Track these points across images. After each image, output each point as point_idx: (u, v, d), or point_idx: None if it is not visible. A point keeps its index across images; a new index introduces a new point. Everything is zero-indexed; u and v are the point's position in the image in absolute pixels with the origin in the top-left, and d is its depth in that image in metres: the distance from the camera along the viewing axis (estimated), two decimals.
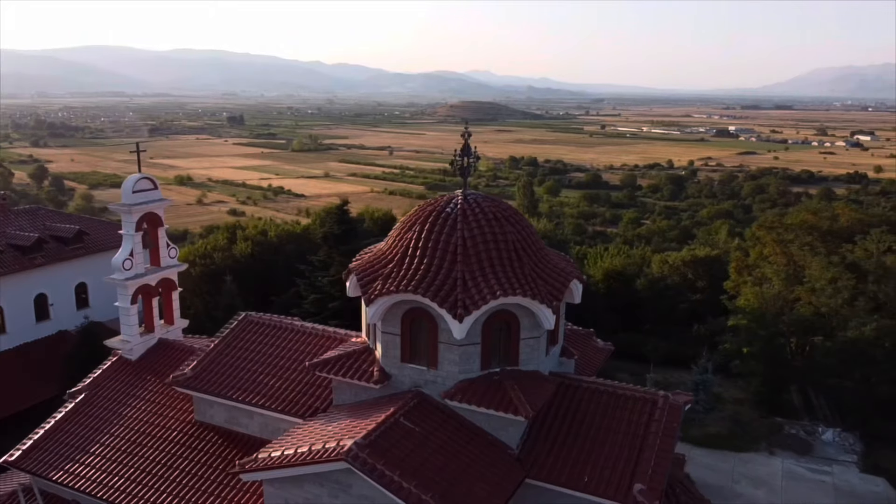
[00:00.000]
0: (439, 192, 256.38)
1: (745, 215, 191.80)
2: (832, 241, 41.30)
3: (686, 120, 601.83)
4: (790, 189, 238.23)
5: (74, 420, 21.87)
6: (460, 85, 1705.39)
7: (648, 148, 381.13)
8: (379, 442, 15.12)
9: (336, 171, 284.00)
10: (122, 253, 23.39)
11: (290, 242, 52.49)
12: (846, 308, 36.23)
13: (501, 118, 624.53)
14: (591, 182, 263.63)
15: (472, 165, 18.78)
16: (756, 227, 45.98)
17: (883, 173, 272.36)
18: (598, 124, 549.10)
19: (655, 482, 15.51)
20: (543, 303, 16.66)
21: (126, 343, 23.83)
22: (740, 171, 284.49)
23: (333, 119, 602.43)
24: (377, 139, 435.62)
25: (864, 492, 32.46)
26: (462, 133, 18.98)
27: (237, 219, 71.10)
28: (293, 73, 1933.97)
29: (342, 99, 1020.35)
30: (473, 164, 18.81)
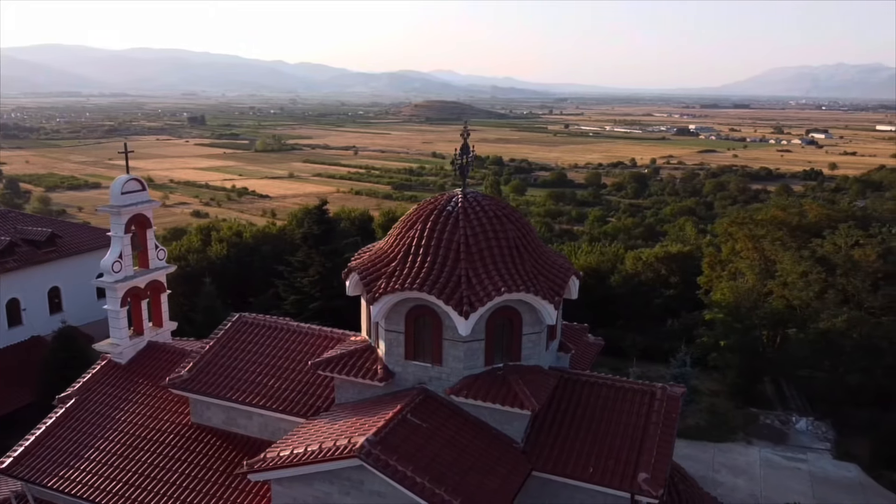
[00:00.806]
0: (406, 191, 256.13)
1: (707, 212, 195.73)
2: (801, 236, 42.59)
3: (647, 119, 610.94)
4: (750, 186, 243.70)
5: (66, 425, 21.53)
6: (424, 84, 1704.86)
7: (612, 147, 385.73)
8: (389, 438, 15.28)
9: (301, 172, 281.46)
10: (111, 255, 23.08)
11: (265, 243, 52.11)
12: (817, 301, 37.43)
13: (466, 117, 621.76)
14: (556, 181, 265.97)
15: (470, 164, 19.02)
16: (728, 223, 47.13)
17: (837, 170, 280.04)
18: (562, 123, 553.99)
19: (659, 471, 15.96)
20: (545, 298, 17.00)
21: (115, 346, 23.53)
22: (701, 169, 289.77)
23: (297, 119, 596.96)
24: (341, 139, 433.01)
25: (838, 478, 33.59)
26: (461, 133, 19.22)
27: (209, 220, 70.14)
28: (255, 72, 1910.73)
29: (305, 98, 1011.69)
30: (472, 163, 19.05)
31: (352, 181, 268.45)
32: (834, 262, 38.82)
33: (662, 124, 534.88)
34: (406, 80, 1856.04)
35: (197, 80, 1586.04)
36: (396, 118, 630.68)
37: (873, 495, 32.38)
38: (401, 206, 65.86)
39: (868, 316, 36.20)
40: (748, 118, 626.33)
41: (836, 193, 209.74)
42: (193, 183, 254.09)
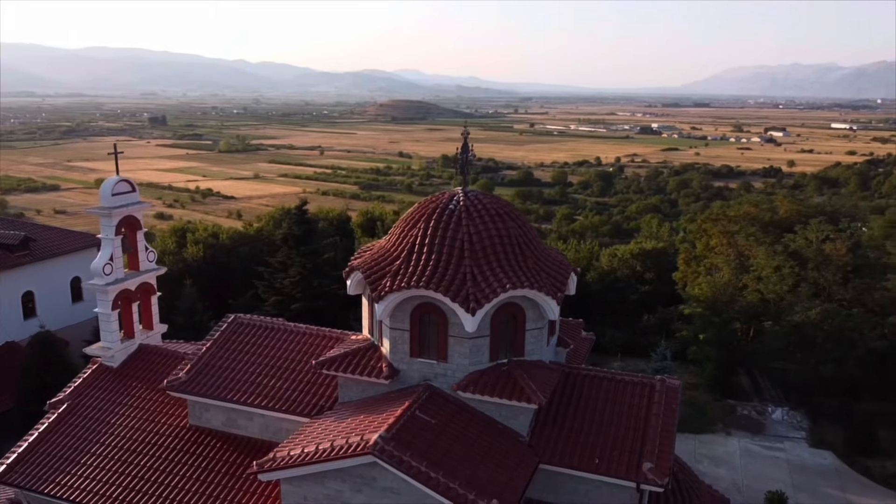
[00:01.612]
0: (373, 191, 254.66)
1: (671, 209, 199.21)
2: (773, 232, 43.77)
3: (611, 118, 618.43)
4: (712, 184, 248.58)
5: (60, 431, 21.21)
6: (389, 84, 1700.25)
7: (577, 145, 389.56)
8: (401, 435, 15.45)
9: (266, 172, 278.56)
10: (102, 257, 22.79)
11: (243, 244, 51.69)
12: (790, 294, 38.54)
13: (431, 117, 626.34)
14: (523, 179, 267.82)
15: (470, 163, 19.27)
16: (702, 219, 48.19)
17: (795, 167, 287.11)
18: (528, 123, 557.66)
19: (663, 460, 16.42)
20: (548, 294, 17.33)
21: (107, 350, 23.24)
22: (665, 167, 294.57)
23: (260, 119, 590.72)
24: (307, 139, 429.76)
25: (814, 465, 34.70)
26: (462, 132, 19.43)
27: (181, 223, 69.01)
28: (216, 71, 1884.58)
29: (269, 98, 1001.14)
30: (471, 162, 19.30)
31: (318, 181, 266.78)
32: (806, 256, 40.01)
33: (626, 123, 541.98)
34: (371, 80, 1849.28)
35: (156, 79, 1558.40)
36: (362, 118, 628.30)
37: (849, 481, 33.53)
38: (377, 205, 65.78)
39: (840, 308, 37.40)
40: (709, 117, 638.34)
41: (795, 190, 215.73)
42: (156, 184, 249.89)
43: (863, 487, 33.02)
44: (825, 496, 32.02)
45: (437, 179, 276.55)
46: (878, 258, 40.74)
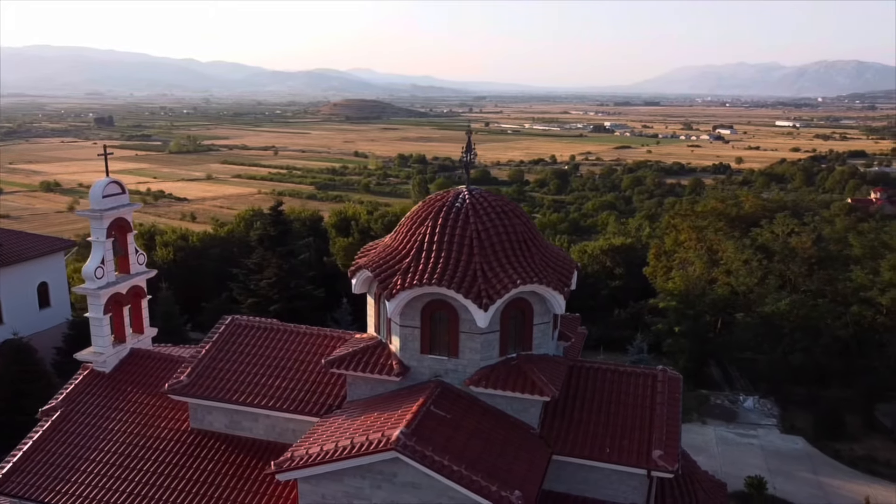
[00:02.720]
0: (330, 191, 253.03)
1: (626, 206, 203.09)
2: (739, 226, 45.22)
3: (564, 116, 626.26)
4: (665, 181, 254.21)
5: (55, 439, 20.75)
6: (342, 83, 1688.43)
7: (532, 144, 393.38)
8: (421, 430, 15.65)
9: (219, 173, 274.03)
10: (93, 261, 22.34)
11: (214, 246, 50.98)
12: (759, 286, 39.91)
13: (386, 116, 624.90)
14: (480, 178, 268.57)
15: (472, 161, 19.57)
16: (671, 215, 49.44)
17: (743, 164, 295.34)
18: (482, 121, 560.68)
19: (671, 447, 17.00)
20: (556, 289, 17.74)
21: (99, 355, 22.79)
22: (618, 165, 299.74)
23: (211, 119, 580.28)
24: (260, 139, 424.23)
25: (787, 450, 36.03)
26: (466, 131, 19.67)
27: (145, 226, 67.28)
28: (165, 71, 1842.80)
29: (219, 98, 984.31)
30: (473, 160, 19.60)
31: (273, 182, 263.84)
32: (772, 249, 41.46)
33: (579, 122, 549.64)
34: (323, 79, 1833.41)
35: (102, 79, 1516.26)
36: (315, 117, 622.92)
37: (820, 464, 34.94)
38: (349, 205, 65.15)
39: (806, 299, 38.90)
40: (659, 115, 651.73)
41: (744, 186, 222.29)
42: None
43: (834, 470, 34.45)
44: (799, 479, 33.30)
45: (394, 179, 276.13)
46: (839, 250, 42.49)
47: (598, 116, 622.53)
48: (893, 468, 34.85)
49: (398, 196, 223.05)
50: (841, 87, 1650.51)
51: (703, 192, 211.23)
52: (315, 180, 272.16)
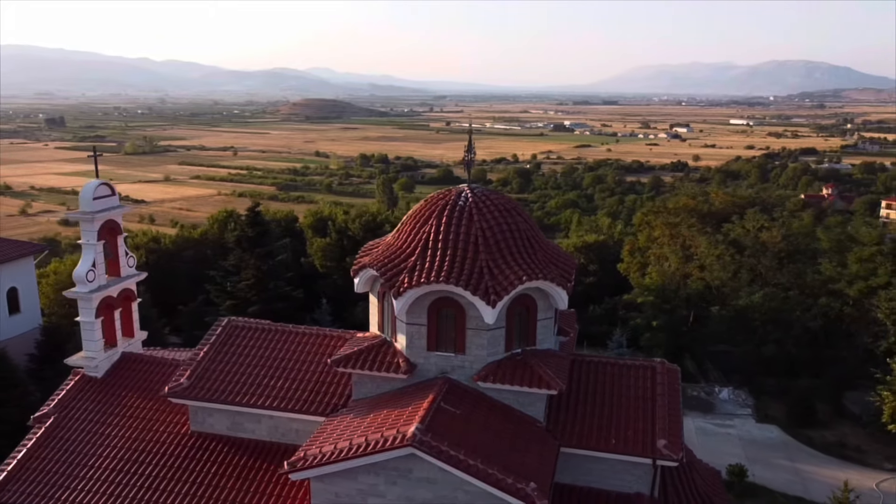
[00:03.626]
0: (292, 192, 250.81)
1: (588, 204, 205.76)
2: (710, 222, 46.38)
3: (525, 115, 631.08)
4: (625, 178, 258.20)
5: (49, 445, 20.36)
6: (301, 83, 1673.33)
7: (493, 143, 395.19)
8: (434, 426, 15.83)
9: (177, 174, 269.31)
10: (84, 264, 21.98)
11: (187, 249, 50.25)
12: (732, 280, 41.04)
13: (346, 116, 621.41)
14: (443, 177, 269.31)
15: (473, 161, 19.83)
16: (645, 212, 50.41)
17: (701, 161, 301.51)
18: (443, 121, 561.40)
19: (675, 436, 17.52)
20: (559, 285, 18.08)
21: (91, 360, 22.42)
22: (579, 164, 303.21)
23: (167, 119, 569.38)
24: (218, 139, 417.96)
25: (762, 438, 37.22)
26: (467, 130, 19.90)
27: None
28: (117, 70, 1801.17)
29: (175, 98, 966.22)
30: (474, 159, 19.86)
31: (233, 183, 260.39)
32: (744, 244, 42.65)
33: (539, 121, 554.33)
34: (282, 78, 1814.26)
35: (51, 78, 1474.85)
36: (274, 117, 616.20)
37: (795, 451, 36.20)
38: (325, 205, 64.43)
39: (778, 292, 40.13)
40: (617, 114, 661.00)
41: (702, 183, 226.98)
42: (58, 189, 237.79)
43: (808, 456, 35.72)
44: (776, 466, 34.44)
45: (356, 179, 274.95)
46: (807, 244, 43.91)
47: (558, 115, 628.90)
48: (863, 453, 36.28)
49: (361, 196, 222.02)
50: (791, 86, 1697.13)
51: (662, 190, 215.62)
52: (276, 181, 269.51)
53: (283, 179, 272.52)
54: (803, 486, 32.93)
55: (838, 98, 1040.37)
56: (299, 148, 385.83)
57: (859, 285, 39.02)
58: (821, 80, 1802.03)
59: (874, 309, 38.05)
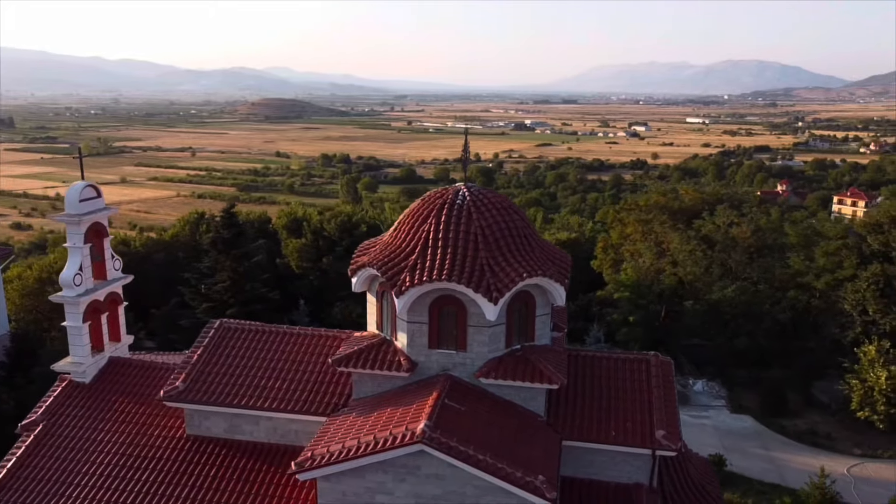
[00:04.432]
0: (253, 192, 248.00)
1: (551, 202, 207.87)
2: (681, 218, 47.43)
3: (486, 115, 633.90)
4: (586, 177, 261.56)
5: (39, 453, 19.91)
6: (259, 82, 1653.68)
7: (455, 142, 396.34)
8: (441, 422, 15.98)
9: (134, 176, 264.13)
10: (72, 268, 21.53)
11: (158, 251, 49.42)
12: (705, 275, 42.07)
13: (307, 115, 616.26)
14: (406, 177, 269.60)
15: (468, 160, 20.02)
16: (617, 209, 51.25)
17: (659, 159, 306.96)
18: (405, 120, 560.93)
19: (672, 426, 17.99)
20: (558, 281, 18.40)
21: (78, 365, 21.97)
22: (541, 162, 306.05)
23: (122, 119, 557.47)
24: (175, 140, 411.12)
25: (737, 428, 38.25)
26: (464, 131, 20.09)
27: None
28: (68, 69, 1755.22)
29: (129, 98, 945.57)
30: (469, 158, 20.07)
31: (193, 184, 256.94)
32: (715, 239, 43.73)
33: (500, 120, 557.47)
34: (240, 78, 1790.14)
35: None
36: (233, 117, 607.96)
37: (769, 440, 37.31)
38: (297, 206, 63.39)
39: (749, 286, 41.28)
40: (577, 113, 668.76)
41: (661, 181, 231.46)
42: (9, 192, 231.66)
43: (781, 444, 36.85)
44: (752, 455, 35.46)
45: (319, 179, 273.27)
46: (775, 239, 45.23)
47: (519, 115, 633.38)
48: (833, 440, 37.57)
49: (324, 196, 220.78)
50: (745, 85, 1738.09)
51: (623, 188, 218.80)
52: (237, 182, 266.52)
53: (243, 180, 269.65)
54: (779, 474, 33.97)
55: (789, 97, 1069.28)
56: (259, 148, 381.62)
57: (826, 278, 40.37)
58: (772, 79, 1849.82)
59: (841, 301, 39.47)
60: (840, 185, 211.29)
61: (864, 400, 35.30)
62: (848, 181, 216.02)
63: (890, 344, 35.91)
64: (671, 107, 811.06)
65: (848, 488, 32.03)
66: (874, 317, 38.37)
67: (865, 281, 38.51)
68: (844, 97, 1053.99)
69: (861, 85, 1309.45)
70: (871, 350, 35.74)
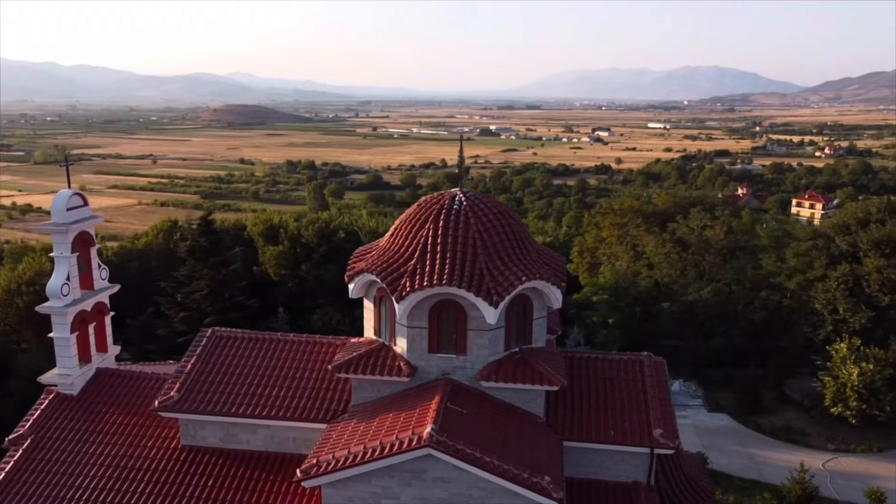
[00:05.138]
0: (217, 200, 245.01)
1: (518, 207, 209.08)
2: (655, 221, 48.31)
3: (451, 120, 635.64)
4: (552, 182, 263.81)
5: (29, 468, 19.45)
6: (221, 88, 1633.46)
7: (421, 148, 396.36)
8: (446, 426, 16.10)
9: (93, 184, 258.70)
10: (58, 278, 21.12)
11: (131, 260, 48.55)
12: (681, 277, 42.89)
13: (270, 122, 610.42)
14: (372, 183, 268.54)
15: (463, 165, 20.22)
16: (593, 213, 51.94)
17: (623, 164, 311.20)
18: (370, 126, 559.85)
19: (669, 425, 18.38)
20: (555, 285, 18.68)
21: (66, 377, 21.54)
22: (507, 168, 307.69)
23: (79, 126, 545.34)
24: (136, 147, 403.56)
25: (715, 426, 39.05)
26: (459, 136, 20.26)
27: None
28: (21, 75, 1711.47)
29: (87, 104, 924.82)
30: (464, 164, 20.25)
31: (155, 192, 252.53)
32: (689, 242, 44.62)
33: (465, 125, 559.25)
34: (201, 84, 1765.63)
35: None
36: (195, 124, 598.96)
37: (746, 437, 38.17)
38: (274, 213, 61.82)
39: (723, 287, 42.21)
40: (541, 118, 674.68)
41: (625, 185, 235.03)
42: None
43: (758, 441, 37.73)
44: (731, 452, 36.23)
45: (284, 186, 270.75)
46: (747, 241, 46.34)
47: (484, 120, 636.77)
48: (808, 435, 38.60)
49: (290, 203, 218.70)
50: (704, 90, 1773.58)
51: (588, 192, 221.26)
52: (200, 189, 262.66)
53: (207, 188, 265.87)
54: (757, 470, 34.77)
55: (747, 102, 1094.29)
56: (222, 155, 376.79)
57: (797, 278, 41.48)
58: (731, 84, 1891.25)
59: (812, 300, 40.61)
60: (798, 187, 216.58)
61: (836, 396, 36.35)
62: (805, 184, 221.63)
63: (861, 341, 37.06)
64: (633, 112, 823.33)
65: (824, 482, 32.92)
66: (844, 315, 39.57)
67: (835, 281, 39.72)
68: (799, 102, 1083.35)
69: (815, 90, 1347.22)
70: (843, 348, 36.84)
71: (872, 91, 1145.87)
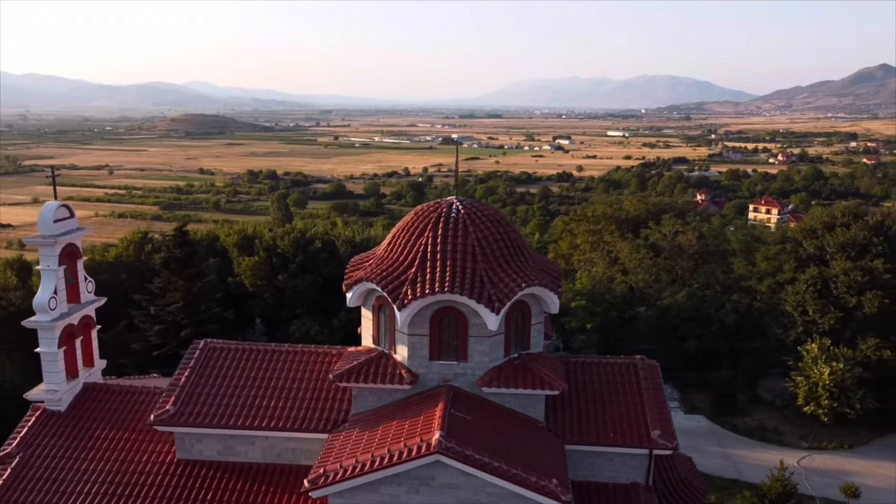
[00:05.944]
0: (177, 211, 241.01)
1: None
2: (627, 228, 49.17)
3: (413, 129, 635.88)
4: (515, 189, 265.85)
5: (19, 487, 18.95)
6: (179, 97, 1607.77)
7: (383, 157, 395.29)
8: (453, 432, 16.21)
9: (47, 196, 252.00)
10: (46, 291, 20.66)
11: (101, 273, 47.39)
12: (655, 282, 43.71)
13: (230, 131, 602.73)
14: (335, 192, 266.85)
15: (459, 173, 20.40)
16: (567, 220, 52.59)
17: (584, 172, 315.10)
18: (331, 135, 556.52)
19: (666, 426, 18.76)
20: (552, 291, 18.97)
21: (53, 393, 21.05)
22: (470, 176, 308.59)
23: (31, 137, 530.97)
24: (91, 158, 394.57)
25: (692, 428, 39.79)
26: (455, 144, 20.48)
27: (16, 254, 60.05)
28: None
29: (38, 114, 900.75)
30: (459, 172, 20.44)
31: (112, 203, 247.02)
32: (662, 247, 45.52)
33: (427, 134, 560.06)
34: (158, 93, 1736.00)
35: None
36: (152, 133, 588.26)
37: (722, 437, 39.01)
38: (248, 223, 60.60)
39: (696, 290, 43.13)
40: (502, 127, 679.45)
41: (587, 192, 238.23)
42: None
43: (735, 441, 38.58)
44: (709, 453, 36.94)
45: (245, 196, 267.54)
46: (717, 245, 47.46)
47: (446, 129, 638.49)
48: (781, 434, 39.61)
49: (252, 213, 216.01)
50: (660, 99, 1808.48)
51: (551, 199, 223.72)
52: (159, 200, 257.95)
53: (166, 198, 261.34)
54: (736, 469, 35.55)
55: (702, 110, 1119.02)
56: (181, 165, 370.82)
57: (768, 281, 42.62)
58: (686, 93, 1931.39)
59: (782, 302, 41.75)
60: (753, 193, 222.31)
61: (809, 395, 37.42)
62: (760, 190, 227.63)
63: (831, 342, 38.25)
64: (592, 120, 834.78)
65: (800, 480, 33.81)
66: (814, 317, 40.79)
67: (804, 283, 40.94)
68: (752, 110, 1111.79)
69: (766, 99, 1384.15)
70: (814, 348, 37.99)
71: (821, 99, 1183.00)
